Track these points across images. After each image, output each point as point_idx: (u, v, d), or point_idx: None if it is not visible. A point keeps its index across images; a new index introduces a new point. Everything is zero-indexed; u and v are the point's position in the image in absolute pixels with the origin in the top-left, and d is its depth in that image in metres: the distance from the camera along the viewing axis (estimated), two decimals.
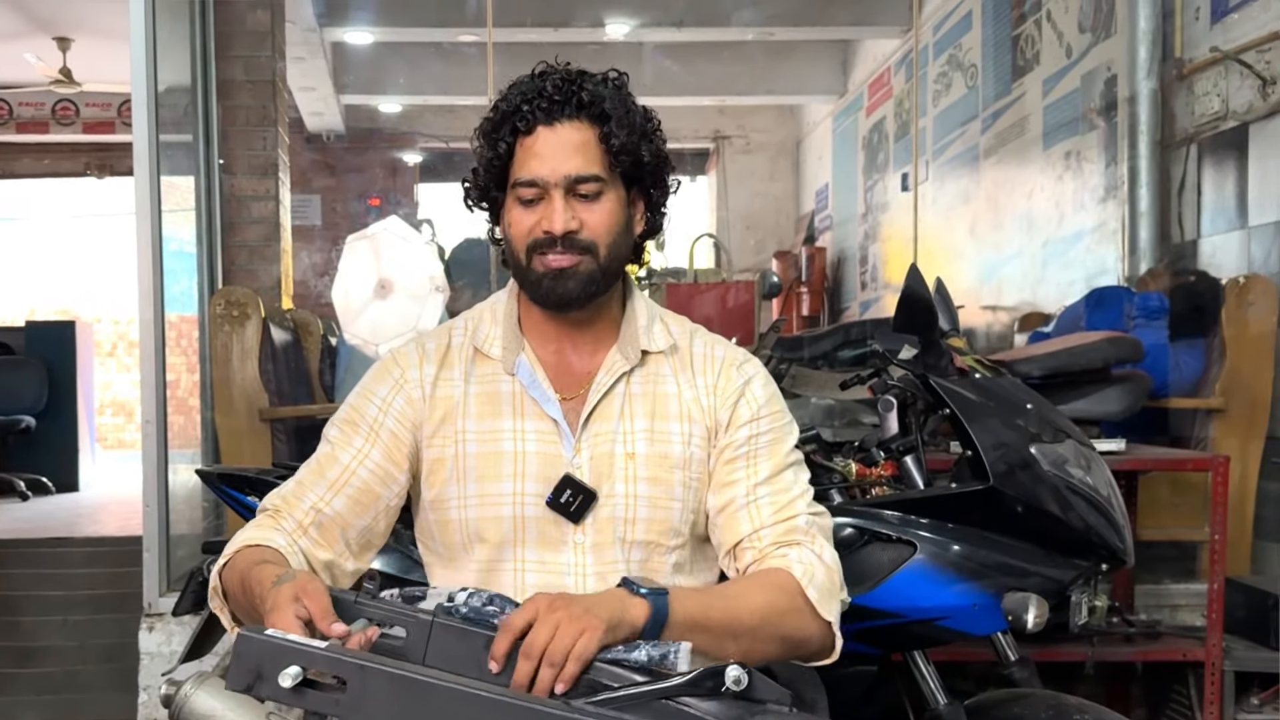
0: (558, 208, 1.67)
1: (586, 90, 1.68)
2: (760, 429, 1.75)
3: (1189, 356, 4.14)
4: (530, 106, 1.67)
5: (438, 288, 4.58)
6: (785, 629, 1.61)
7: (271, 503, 1.72)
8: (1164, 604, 3.75)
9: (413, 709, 1.16)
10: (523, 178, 1.68)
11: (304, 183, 9.38)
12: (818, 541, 1.70)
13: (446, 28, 7.58)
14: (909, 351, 2.50)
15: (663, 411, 1.75)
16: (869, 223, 8.65)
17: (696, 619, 1.50)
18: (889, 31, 8.08)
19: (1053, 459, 2.29)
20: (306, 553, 1.66)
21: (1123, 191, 4.79)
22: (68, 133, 10.35)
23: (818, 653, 1.68)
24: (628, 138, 1.69)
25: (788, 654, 1.65)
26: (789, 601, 1.62)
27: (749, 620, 1.56)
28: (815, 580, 1.64)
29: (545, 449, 1.71)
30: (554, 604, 1.36)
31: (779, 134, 10.81)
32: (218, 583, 1.62)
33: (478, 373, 1.76)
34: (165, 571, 3.92)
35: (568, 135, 1.67)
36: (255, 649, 1.20)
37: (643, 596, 1.44)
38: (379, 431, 1.73)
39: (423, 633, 1.34)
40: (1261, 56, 4.03)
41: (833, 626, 1.66)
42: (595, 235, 1.69)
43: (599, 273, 1.70)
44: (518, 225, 1.71)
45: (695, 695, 1.29)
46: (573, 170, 1.67)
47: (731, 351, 1.81)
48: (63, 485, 8.08)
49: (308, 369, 5.02)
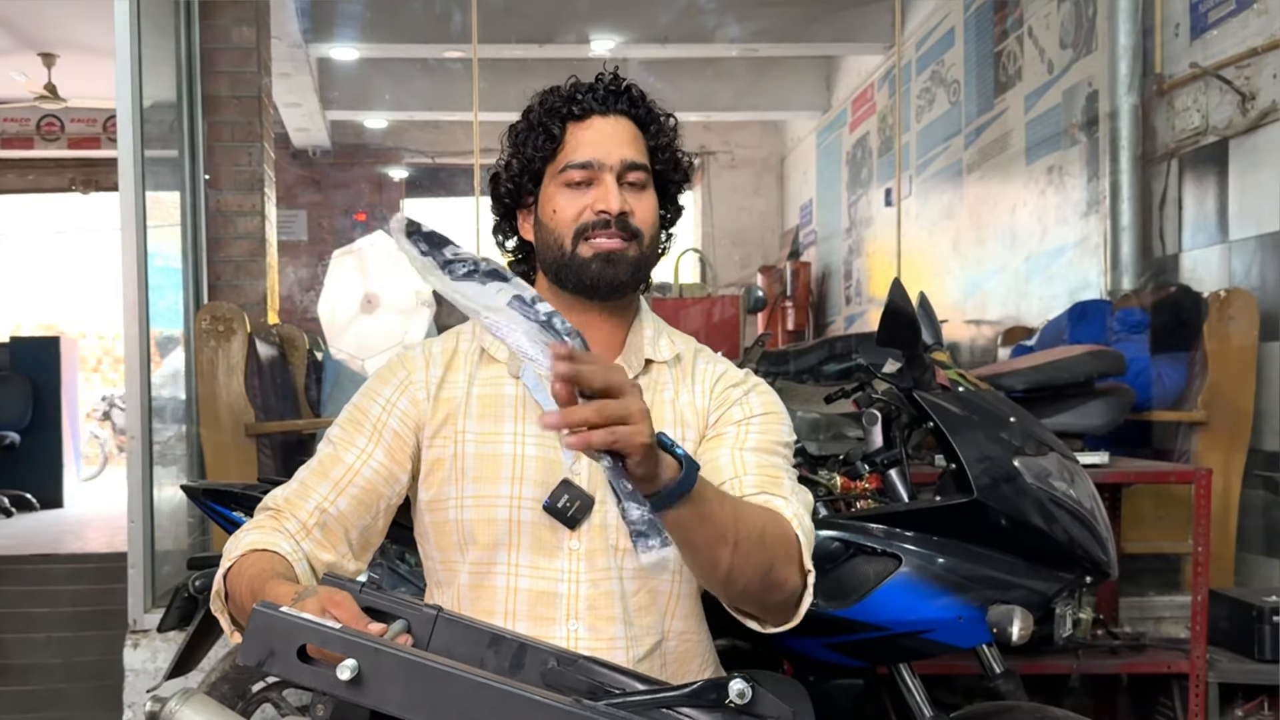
0: (612, 189, 1.70)
1: (635, 90, 1.77)
2: (752, 414, 1.76)
3: (1171, 370, 4.16)
4: (585, 97, 1.74)
5: (424, 302, 4.58)
6: (774, 557, 1.57)
7: (274, 502, 1.70)
8: (1148, 616, 3.76)
9: (424, 695, 1.15)
10: (576, 160, 1.72)
11: (290, 198, 9.37)
12: (798, 506, 1.67)
13: (431, 44, 7.60)
14: (893, 366, 2.52)
15: (657, 417, 1.73)
16: (853, 238, 8.68)
17: (711, 504, 1.47)
18: (872, 48, 8.12)
19: (1036, 472, 2.30)
20: (310, 555, 1.65)
21: (1104, 206, 4.81)
22: (53, 148, 10.33)
23: (786, 601, 1.63)
24: (670, 139, 1.78)
25: (764, 589, 1.59)
26: (782, 533, 1.60)
27: (748, 530, 1.53)
28: (804, 528, 1.63)
29: (545, 454, 1.71)
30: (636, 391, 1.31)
31: (763, 149, 10.85)
32: (221, 586, 1.60)
33: (482, 375, 1.76)
34: (150, 588, 3.90)
35: (621, 125, 1.74)
36: (269, 625, 1.19)
37: (678, 457, 1.39)
38: (382, 431, 1.72)
39: (426, 625, 1.34)
40: (1241, 72, 4.07)
41: (808, 581, 1.63)
42: (643, 223, 1.74)
43: (643, 260, 1.74)
44: (564, 210, 1.73)
45: (697, 707, 1.29)
46: (627, 156, 1.72)
47: (735, 371, 1.83)
48: (47, 501, 8.05)
49: (293, 384, 5.01)
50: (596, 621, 1.69)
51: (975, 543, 2.30)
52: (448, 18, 6.79)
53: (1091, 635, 3.31)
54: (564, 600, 1.69)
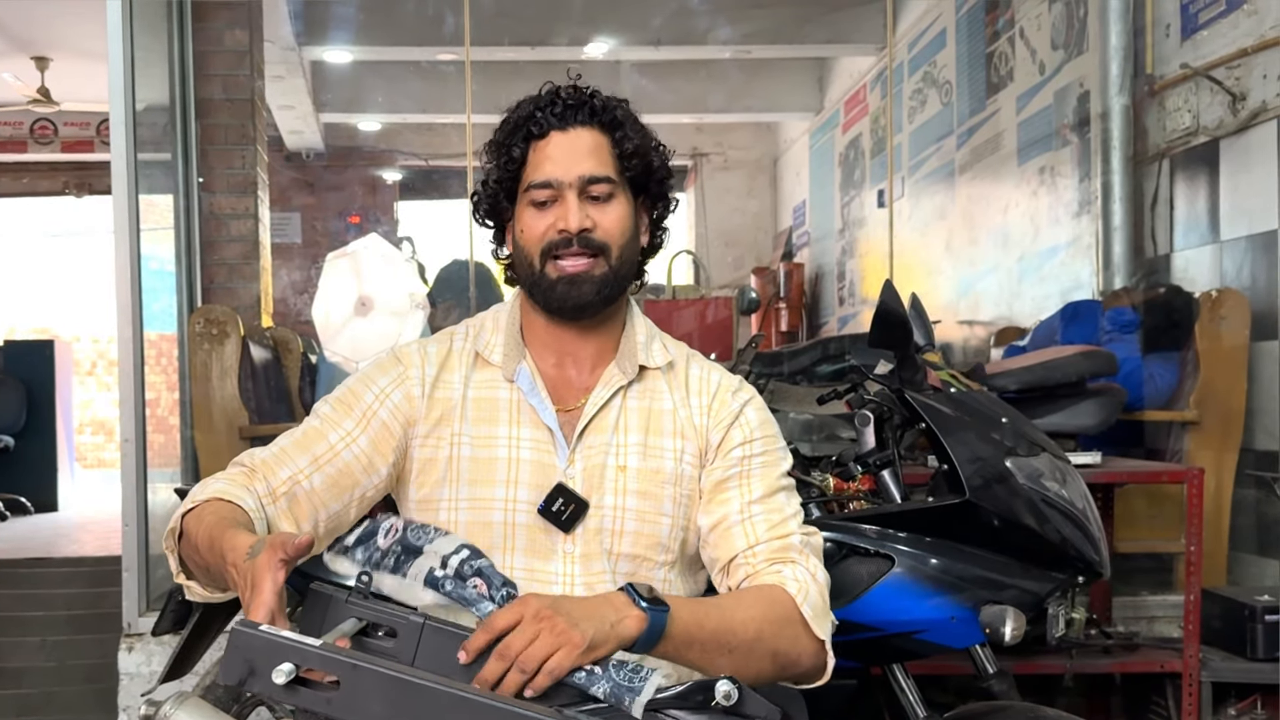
0: (572, 206, 1.70)
1: (598, 99, 1.74)
2: (753, 450, 1.76)
3: (1163, 370, 4.17)
4: (544, 113, 1.72)
5: (418, 305, 4.58)
6: (779, 645, 1.60)
7: (250, 460, 1.69)
8: (1141, 616, 3.76)
9: (405, 710, 1.16)
10: (536, 179, 1.71)
11: (283, 201, 9.36)
12: (811, 560, 1.70)
13: (425, 46, 7.60)
14: (884, 367, 2.52)
15: (656, 427, 1.75)
16: (846, 238, 8.69)
17: (692, 632, 1.50)
18: (864, 49, 8.13)
19: (1028, 472, 2.31)
20: (271, 521, 1.63)
21: (1096, 206, 4.82)
22: (46, 152, 10.32)
23: (808, 672, 1.67)
24: (638, 144, 1.74)
25: (779, 672, 1.63)
26: (784, 616, 1.62)
27: (743, 634, 1.56)
28: (810, 598, 1.64)
29: (540, 457, 1.71)
30: (540, 613, 1.36)
31: (756, 151, 10.86)
32: (178, 524, 1.58)
33: (477, 378, 1.77)
34: (145, 591, 3.90)
35: (580, 139, 1.72)
36: (249, 644, 1.19)
37: (642, 610, 1.43)
38: (371, 420, 1.72)
39: (413, 634, 1.35)
40: (1231, 73, 4.08)
41: (825, 645, 1.65)
42: (608, 236, 1.72)
43: (611, 276, 1.73)
44: (530, 229, 1.73)
45: (684, 708, 1.29)
46: (586, 170, 1.70)
47: (728, 378, 1.83)
48: (42, 505, 8.04)
49: (287, 387, 5.01)
50: None
51: (968, 543, 2.30)
52: (440, 20, 6.78)
53: (1085, 635, 3.31)
54: None
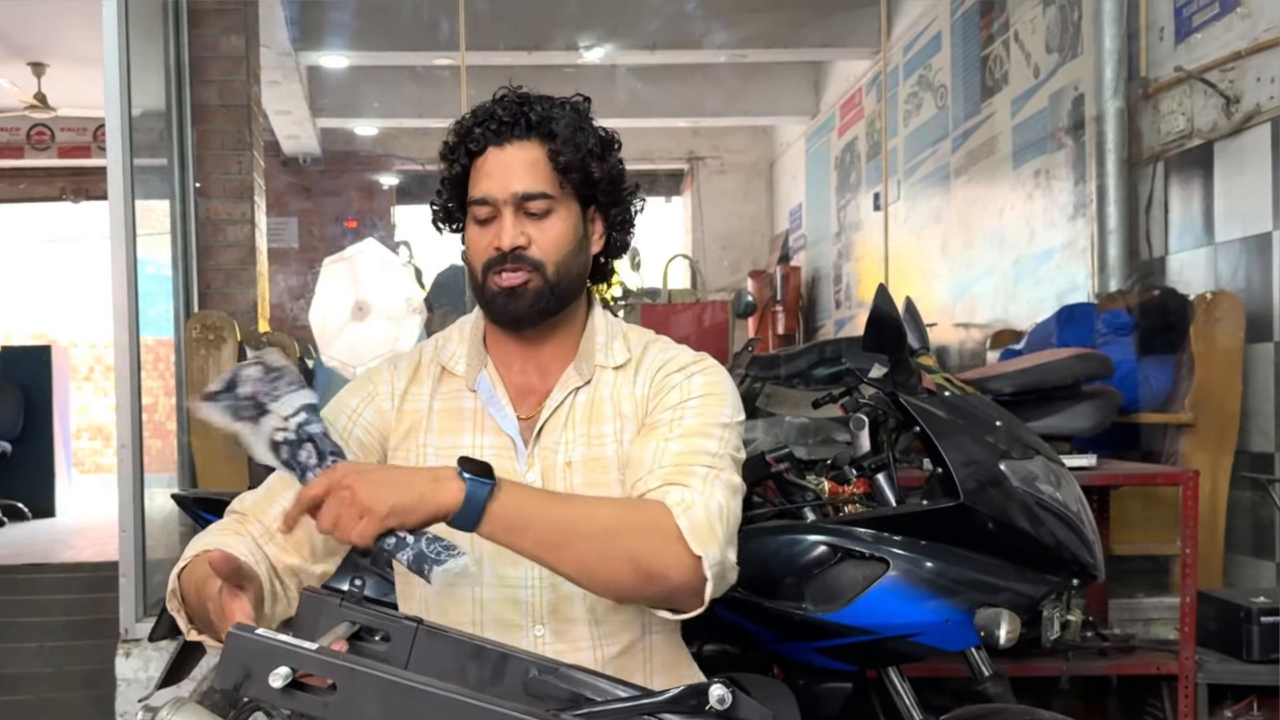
0: (507, 224, 1.71)
1: (535, 111, 1.72)
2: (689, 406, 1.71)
3: (1159, 372, 4.18)
4: (481, 129, 1.73)
5: (415, 309, 4.59)
6: (638, 551, 1.52)
7: (241, 506, 1.71)
8: (1137, 618, 3.77)
9: (402, 713, 1.16)
10: (475, 196, 1.73)
11: (280, 205, 9.37)
12: (712, 487, 1.61)
13: (421, 51, 7.61)
14: (879, 370, 2.53)
15: (598, 415, 1.76)
16: (842, 242, 8.70)
17: (526, 515, 1.47)
18: (860, 53, 8.15)
19: (1022, 475, 2.32)
20: (273, 558, 1.64)
21: (1091, 209, 4.84)
22: (43, 157, 10.31)
23: (680, 590, 1.56)
24: (575, 155, 1.72)
25: (642, 583, 1.54)
26: (648, 523, 1.54)
27: (588, 526, 1.51)
28: (692, 514, 1.55)
29: (501, 464, 1.68)
30: (344, 478, 1.40)
31: (752, 154, 10.87)
32: (176, 585, 1.60)
33: (443, 389, 1.80)
34: (142, 597, 3.90)
35: (516, 155, 1.72)
36: (245, 648, 1.19)
37: (463, 480, 1.43)
38: (348, 441, 1.75)
39: (407, 638, 1.35)
40: (1225, 76, 4.09)
41: (703, 564, 1.54)
42: (543, 253, 1.72)
43: (548, 290, 1.73)
44: (474, 245, 1.76)
45: (677, 713, 1.29)
46: (520, 188, 1.71)
47: (685, 355, 1.79)
48: (39, 511, 8.04)
49: None
50: (560, 625, 1.72)
51: (962, 546, 2.31)
52: (436, 25, 6.79)
53: (1081, 637, 3.31)
54: (528, 607, 1.72)
